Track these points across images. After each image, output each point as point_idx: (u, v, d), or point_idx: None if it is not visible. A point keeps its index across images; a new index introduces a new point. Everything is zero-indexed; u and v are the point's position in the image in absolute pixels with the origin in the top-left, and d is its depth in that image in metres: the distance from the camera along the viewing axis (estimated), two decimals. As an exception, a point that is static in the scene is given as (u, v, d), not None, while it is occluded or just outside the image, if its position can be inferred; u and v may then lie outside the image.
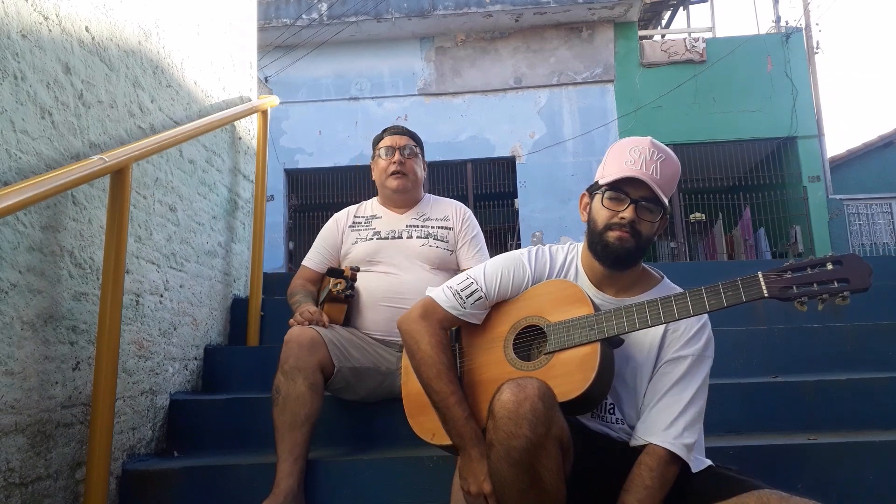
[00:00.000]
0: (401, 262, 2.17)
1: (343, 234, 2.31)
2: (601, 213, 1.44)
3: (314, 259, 2.33)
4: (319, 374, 1.88)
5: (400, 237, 2.23)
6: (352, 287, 2.11)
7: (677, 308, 1.32)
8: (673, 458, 1.34)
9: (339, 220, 2.35)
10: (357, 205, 2.40)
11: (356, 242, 2.24)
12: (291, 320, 2.04)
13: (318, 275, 2.30)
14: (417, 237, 2.22)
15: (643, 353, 1.45)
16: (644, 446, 1.38)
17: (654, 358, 1.44)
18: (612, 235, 1.42)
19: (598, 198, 1.45)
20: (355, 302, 2.17)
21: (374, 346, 2.09)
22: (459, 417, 1.40)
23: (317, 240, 2.37)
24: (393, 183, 2.25)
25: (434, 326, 1.49)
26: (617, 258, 1.44)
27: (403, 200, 2.30)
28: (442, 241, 2.24)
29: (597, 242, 1.45)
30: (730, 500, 1.25)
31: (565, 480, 1.31)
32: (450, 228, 2.27)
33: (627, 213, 1.40)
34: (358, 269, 2.17)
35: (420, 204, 2.34)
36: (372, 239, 2.23)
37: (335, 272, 2.13)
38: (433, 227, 2.26)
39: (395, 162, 2.24)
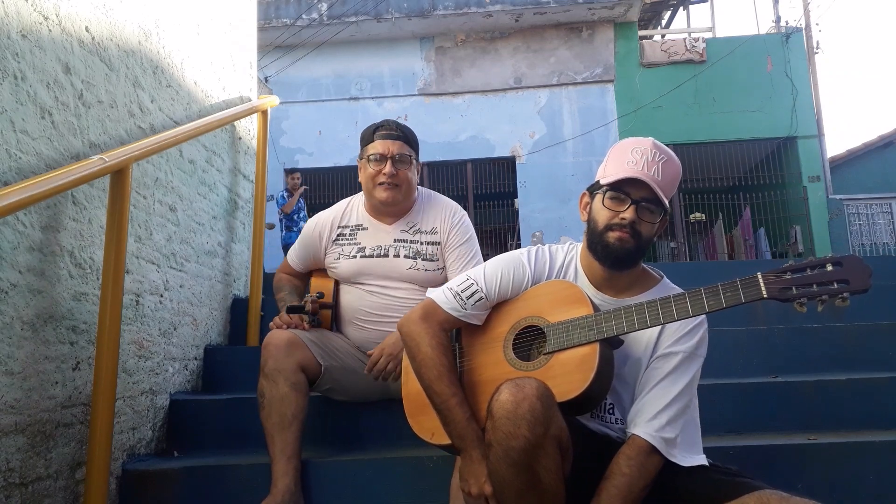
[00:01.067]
0: (386, 282, 2.06)
1: (326, 248, 2.14)
2: (602, 214, 1.44)
3: (296, 261, 2.23)
4: (301, 374, 1.87)
5: (386, 255, 2.06)
6: (315, 319, 2.05)
7: (676, 309, 1.32)
8: (653, 449, 1.35)
9: (323, 231, 2.14)
10: (343, 206, 2.18)
11: (339, 259, 2.10)
12: (271, 323, 2.02)
13: (300, 273, 2.26)
14: (405, 256, 2.06)
15: (641, 351, 1.45)
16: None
17: (651, 353, 1.44)
18: (613, 236, 1.42)
19: (598, 198, 1.45)
20: (341, 316, 2.12)
21: (362, 355, 2.07)
22: (461, 419, 1.40)
23: (300, 240, 2.22)
24: (382, 195, 2.02)
25: (434, 328, 1.49)
26: (617, 259, 1.44)
27: (394, 211, 2.10)
28: (430, 260, 2.07)
29: (597, 243, 1.45)
30: (730, 502, 1.24)
31: (564, 481, 1.31)
32: (438, 243, 2.09)
33: (628, 213, 1.40)
34: (320, 297, 2.07)
35: (411, 211, 2.12)
36: (356, 257, 2.07)
37: (296, 309, 2.04)
38: (422, 244, 2.08)
39: (385, 173, 2.01)
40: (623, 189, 1.41)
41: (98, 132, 1.89)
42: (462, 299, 1.50)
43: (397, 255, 2.07)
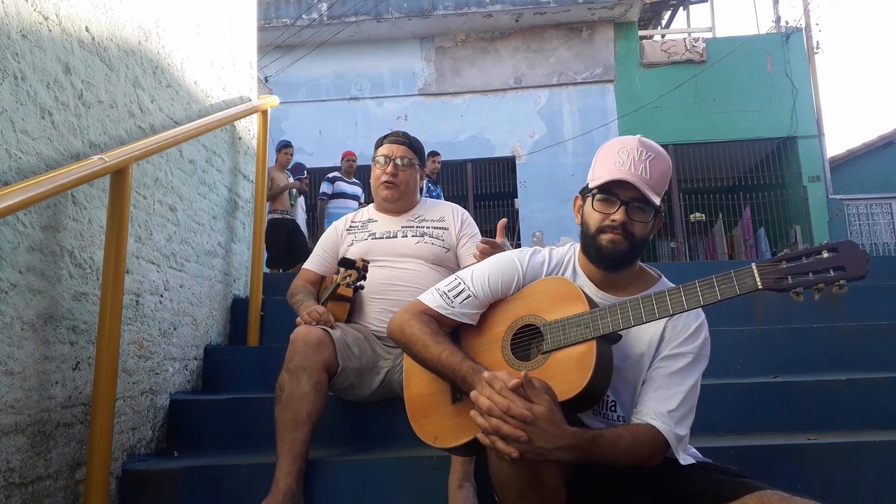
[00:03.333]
0: (396, 257, 2.21)
1: (341, 237, 2.35)
2: (593, 216, 1.44)
3: (314, 262, 2.37)
4: (324, 374, 1.88)
5: (394, 237, 2.26)
6: (363, 277, 2.13)
7: (671, 302, 1.31)
8: (666, 444, 1.35)
9: (338, 226, 2.39)
10: (355, 211, 2.46)
11: (352, 245, 2.28)
12: (298, 319, 2.04)
13: (318, 277, 2.35)
14: (413, 235, 2.25)
15: (642, 349, 1.45)
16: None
17: (653, 354, 1.44)
18: (605, 238, 1.41)
19: (589, 201, 1.45)
20: (356, 297, 2.19)
21: (372, 342, 2.10)
22: (454, 364, 1.38)
23: (317, 245, 2.41)
24: (383, 192, 2.27)
25: (417, 313, 1.50)
26: (610, 260, 1.44)
27: (396, 207, 2.32)
28: (437, 238, 2.25)
29: (590, 245, 1.45)
30: (731, 502, 1.24)
31: (566, 480, 1.31)
32: (446, 229, 2.29)
33: (618, 215, 1.40)
34: (369, 262, 2.19)
35: (416, 208, 2.35)
36: (367, 239, 2.27)
37: (347, 262, 2.15)
38: (428, 227, 2.28)
39: (387, 172, 2.25)
40: (612, 191, 1.40)
41: (98, 132, 1.89)
42: (449, 298, 1.50)
43: (405, 236, 2.26)
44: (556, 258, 1.56)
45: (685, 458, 1.38)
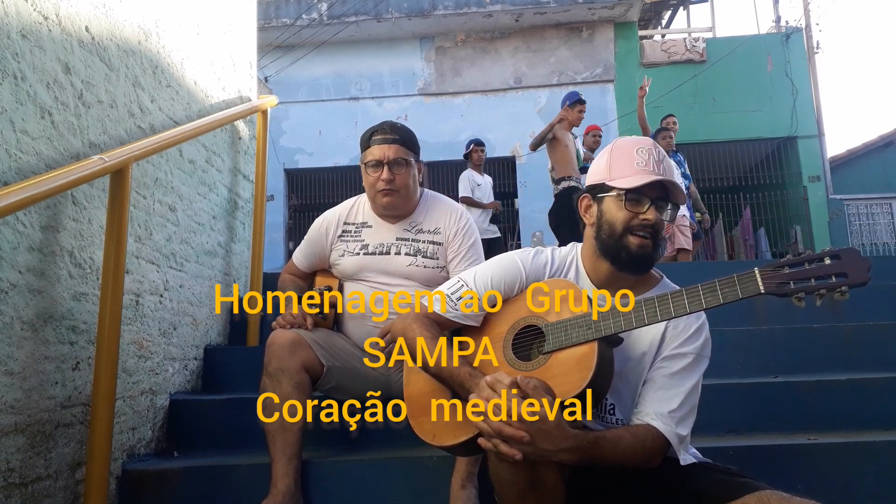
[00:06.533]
0: (387, 279, 2.09)
1: (332, 244, 2.18)
2: (619, 216, 1.42)
3: (301, 260, 2.26)
4: (304, 374, 1.88)
5: (388, 252, 2.10)
6: (323, 314, 2.07)
7: (674, 306, 1.31)
8: (667, 444, 1.35)
9: (330, 227, 2.18)
10: (350, 204, 2.22)
11: (343, 255, 2.14)
12: (274, 322, 2.02)
13: (305, 274, 2.27)
14: (406, 254, 2.09)
15: (644, 351, 1.44)
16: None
17: (654, 354, 1.44)
18: (635, 241, 1.40)
19: (611, 200, 1.44)
20: (343, 313, 2.13)
21: (362, 353, 2.07)
22: (452, 368, 1.39)
23: (307, 239, 2.25)
24: (383, 201, 2.06)
25: (420, 317, 1.51)
26: (643, 262, 1.43)
27: (395, 214, 2.13)
28: (431, 258, 2.10)
29: (618, 248, 1.43)
30: (731, 502, 1.24)
31: (566, 481, 1.31)
32: (439, 244, 2.11)
33: (650, 214, 1.39)
34: (328, 289, 2.11)
35: (415, 211, 2.15)
36: (359, 254, 2.11)
37: (312, 306, 2.07)
38: (423, 243, 2.11)
39: (382, 179, 2.02)
40: (641, 190, 1.40)
41: (98, 132, 1.89)
42: (452, 301, 1.51)
43: (398, 253, 2.10)
44: (559, 259, 1.56)
45: (686, 458, 1.38)
